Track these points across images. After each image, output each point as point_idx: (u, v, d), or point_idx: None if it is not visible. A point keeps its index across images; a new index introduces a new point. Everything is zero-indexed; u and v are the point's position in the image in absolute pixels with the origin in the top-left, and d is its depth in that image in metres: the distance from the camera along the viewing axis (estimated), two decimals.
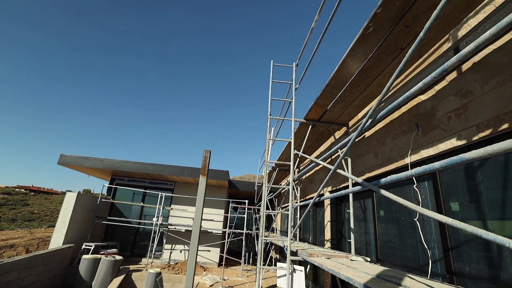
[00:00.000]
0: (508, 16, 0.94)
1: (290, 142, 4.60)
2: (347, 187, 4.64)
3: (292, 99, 4.33)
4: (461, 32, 2.55)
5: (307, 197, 7.44)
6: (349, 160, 4.26)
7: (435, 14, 1.33)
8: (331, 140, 5.26)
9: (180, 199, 11.06)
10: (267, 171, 5.11)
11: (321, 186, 2.70)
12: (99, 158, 10.18)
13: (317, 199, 3.07)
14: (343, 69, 3.00)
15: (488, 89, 2.27)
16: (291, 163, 4.06)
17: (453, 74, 2.67)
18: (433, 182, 2.98)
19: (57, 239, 7.96)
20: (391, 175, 1.60)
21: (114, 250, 8.68)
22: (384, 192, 1.66)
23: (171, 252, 10.37)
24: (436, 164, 1.21)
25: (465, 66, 2.54)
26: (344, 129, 4.49)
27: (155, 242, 9.39)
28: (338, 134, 5.07)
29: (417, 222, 3.04)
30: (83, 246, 8.19)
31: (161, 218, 9.93)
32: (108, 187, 10.82)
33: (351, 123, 4.35)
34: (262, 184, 8.67)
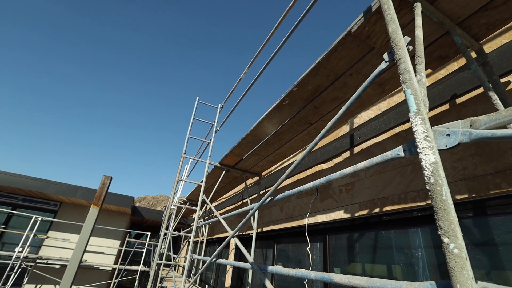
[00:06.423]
0: (380, 156, 1.06)
1: (200, 185, 4.37)
2: (251, 234, 4.65)
3: (211, 140, 4.21)
4: (356, 120, 3.01)
5: (215, 236, 7.14)
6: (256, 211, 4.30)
7: (337, 116, 1.45)
8: (244, 184, 5.30)
9: (63, 225, 8.99)
10: (173, 210, 4.68)
11: (217, 251, 2.53)
12: None
13: (214, 259, 2.88)
14: (259, 128, 3.10)
15: (369, 174, 2.67)
16: (198, 208, 3.81)
17: (347, 153, 3.09)
18: (323, 245, 3.22)
19: None
20: (280, 268, 1.59)
21: None
22: None
23: None
24: (311, 274, 1.23)
25: (356, 149, 2.96)
26: (256, 178, 4.60)
27: (10, 282, 7.14)
28: (251, 180, 5.16)
29: (306, 284, 3.17)
30: None
31: (29, 248, 7.75)
32: None
33: (263, 173, 4.49)
34: (170, 215, 7.91)
